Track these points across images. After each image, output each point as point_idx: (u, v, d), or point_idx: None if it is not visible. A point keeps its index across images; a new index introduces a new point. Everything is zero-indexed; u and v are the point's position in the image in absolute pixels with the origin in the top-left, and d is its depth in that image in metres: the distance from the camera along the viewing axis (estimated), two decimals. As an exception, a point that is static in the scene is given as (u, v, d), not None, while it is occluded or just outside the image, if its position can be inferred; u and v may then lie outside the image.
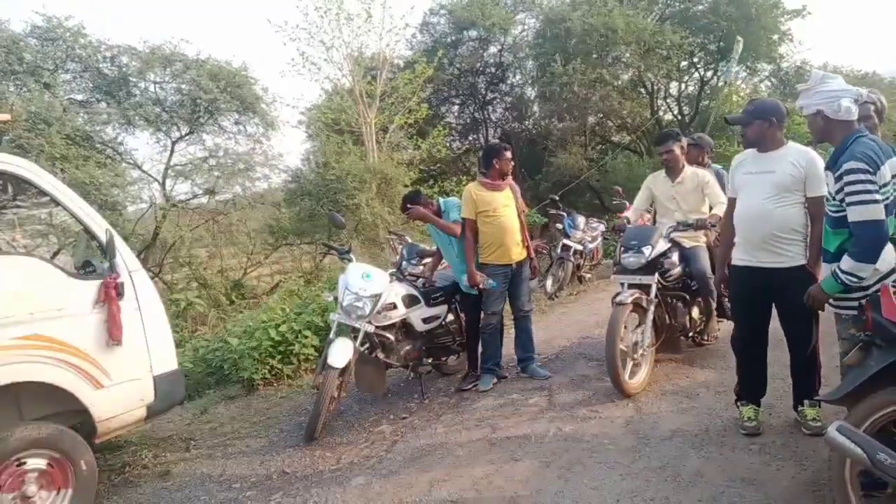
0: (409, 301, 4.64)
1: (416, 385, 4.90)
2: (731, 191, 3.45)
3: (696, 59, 16.76)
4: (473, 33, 16.77)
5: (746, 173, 3.31)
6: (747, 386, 3.54)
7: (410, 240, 5.90)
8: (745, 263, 3.34)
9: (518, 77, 18.04)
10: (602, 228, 9.38)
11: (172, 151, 11.39)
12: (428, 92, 14.26)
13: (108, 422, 3.40)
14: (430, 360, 4.95)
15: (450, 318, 5.03)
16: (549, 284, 8.17)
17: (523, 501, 3.03)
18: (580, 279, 8.84)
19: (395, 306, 4.51)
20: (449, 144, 15.89)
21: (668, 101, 18.52)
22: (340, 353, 4.04)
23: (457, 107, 18.52)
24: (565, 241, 8.54)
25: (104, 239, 3.46)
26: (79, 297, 3.33)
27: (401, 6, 32.22)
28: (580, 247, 8.61)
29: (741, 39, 12.95)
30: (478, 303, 4.78)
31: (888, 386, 2.29)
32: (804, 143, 3.47)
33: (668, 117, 18.72)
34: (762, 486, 2.89)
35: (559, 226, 9.13)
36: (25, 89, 9.62)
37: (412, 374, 4.92)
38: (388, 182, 11.48)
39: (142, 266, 3.83)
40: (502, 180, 4.72)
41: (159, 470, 3.98)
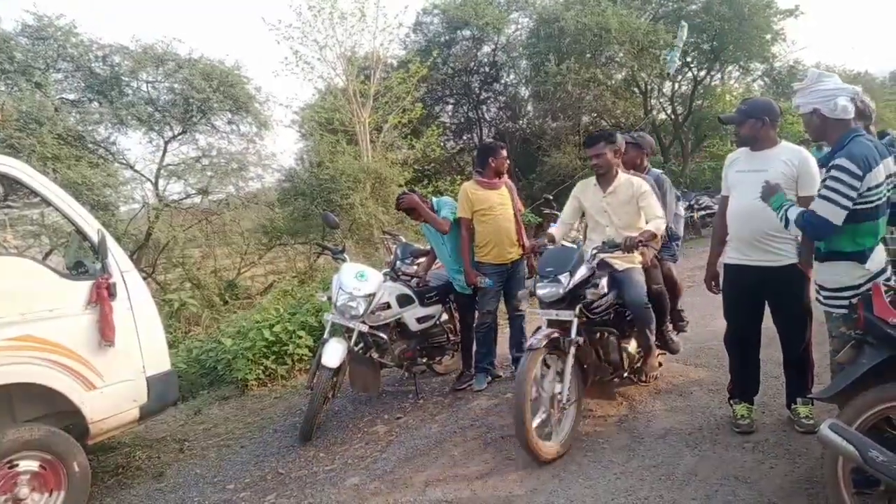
0: (404, 301, 4.64)
1: (411, 385, 4.90)
2: (724, 189, 3.47)
3: (690, 59, 16.84)
4: (467, 32, 16.81)
5: (739, 171, 3.32)
6: (740, 384, 3.56)
7: (404, 239, 5.89)
8: (738, 262, 3.35)
9: (512, 76, 18.12)
10: None
11: (165, 151, 11.36)
12: (422, 91, 14.28)
13: (101, 423, 3.38)
14: (425, 360, 4.96)
15: (444, 318, 5.04)
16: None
17: (518, 501, 3.03)
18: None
19: (390, 306, 4.51)
20: (443, 144, 15.93)
21: (662, 101, 18.61)
22: (334, 354, 4.03)
23: (451, 106, 18.56)
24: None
25: (96, 239, 3.45)
26: (71, 298, 3.31)
27: (394, 5, 32.32)
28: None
29: (686, 24, 12.75)
30: (472, 302, 4.79)
31: (879, 384, 2.31)
32: (797, 142, 3.48)
33: (662, 116, 18.81)
34: (756, 484, 2.90)
35: (553, 225, 9.12)
36: (16, 89, 9.54)
37: (406, 374, 4.92)
38: (382, 182, 11.47)
39: (135, 266, 3.82)
40: (498, 179, 4.72)
41: (153, 471, 3.97)
